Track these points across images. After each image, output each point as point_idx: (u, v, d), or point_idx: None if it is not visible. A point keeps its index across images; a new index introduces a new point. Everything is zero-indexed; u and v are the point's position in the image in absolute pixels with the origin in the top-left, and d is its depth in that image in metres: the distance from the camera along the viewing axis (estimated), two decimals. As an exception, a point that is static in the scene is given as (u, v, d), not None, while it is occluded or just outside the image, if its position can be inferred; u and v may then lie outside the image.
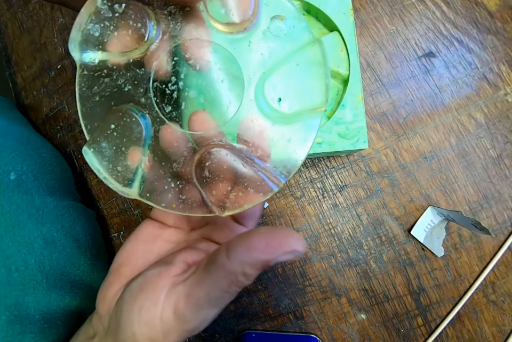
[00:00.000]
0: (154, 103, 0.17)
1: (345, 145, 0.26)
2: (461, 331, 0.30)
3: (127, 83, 0.17)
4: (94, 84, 0.17)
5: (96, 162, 0.16)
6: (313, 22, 0.29)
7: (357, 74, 0.26)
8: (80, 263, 0.28)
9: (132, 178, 0.17)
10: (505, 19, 0.31)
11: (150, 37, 0.16)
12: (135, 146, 0.16)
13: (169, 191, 0.17)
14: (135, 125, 0.16)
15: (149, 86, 0.17)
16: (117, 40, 0.16)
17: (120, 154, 0.17)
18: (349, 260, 0.31)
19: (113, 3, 0.16)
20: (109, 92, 0.17)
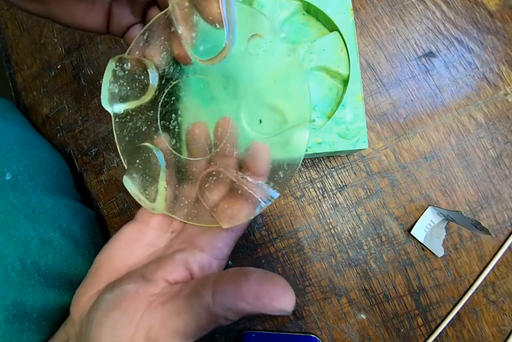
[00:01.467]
0: (164, 138, 0.20)
1: (345, 145, 0.26)
2: (461, 331, 0.30)
3: (143, 125, 0.21)
4: (123, 129, 0.21)
5: (133, 188, 0.21)
6: (313, 22, 0.29)
7: (357, 74, 0.26)
8: (78, 263, 0.28)
9: (157, 198, 0.20)
10: (505, 19, 0.31)
11: (153, 83, 0.20)
12: (156, 174, 0.20)
13: (185, 207, 0.20)
14: (152, 159, 0.20)
15: (158, 124, 0.21)
16: (131, 91, 0.20)
17: (146, 181, 0.21)
18: (349, 260, 0.31)
19: (122, 64, 0.20)
20: (133, 133, 0.21)
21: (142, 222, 0.21)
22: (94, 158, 0.36)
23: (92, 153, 0.36)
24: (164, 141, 0.20)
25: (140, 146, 0.21)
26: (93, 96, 0.36)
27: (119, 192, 0.35)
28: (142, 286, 0.17)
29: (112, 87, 0.20)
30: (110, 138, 0.35)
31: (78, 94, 0.36)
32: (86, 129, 0.36)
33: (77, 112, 0.36)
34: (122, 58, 0.20)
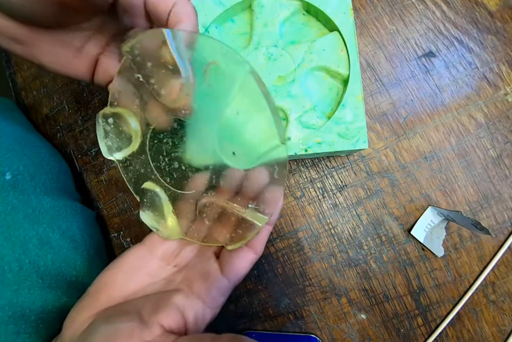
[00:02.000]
0: (159, 178, 0.22)
1: (345, 145, 0.26)
2: (461, 331, 0.30)
3: (141, 168, 0.23)
4: (128, 172, 0.23)
5: (149, 222, 0.23)
6: (313, 22, 0.29)
7: (357, 74, 0.26)
8: (77, 264, 0.28)
9: (170, 227, 0.23)
10: (505, 19, 0.31)
11: (136, 130, 0.22)
12: (161, 209, 0.22)
13: (195, 231, 0.22)
14: (155, 197, 0.22)
15: (151, 166, 0.22)
16: (121, 142, 0.22)
17: (157, 215, 0.23)
18: (349, 260, 0.31)
19: (106, 119, 0.22)
20: (136, 175, 0.23)
21: (149, 247, 0.23)
22: (94, 158, 0.36)
23: (91, 153, 0.36)
24: (161, 180, 0.22)
25: (142, 187, 0.23)
26: (93, 96, 0.36)
27: (119, 192, 0.35)
28: (137, 329, 0.17)
29: (106, 141, 0.22)
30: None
31: (78, 94, 0.36)
32: (86, 129, 0.36)
33: (77, 112, 0.36)
34: (104, 114, 0.22)
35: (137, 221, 0.34)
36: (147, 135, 0.22)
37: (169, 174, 0.22)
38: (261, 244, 0.22)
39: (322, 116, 0.27)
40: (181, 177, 0.21)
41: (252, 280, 0.33)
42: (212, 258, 0.22)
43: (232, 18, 0.30)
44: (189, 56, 0.18)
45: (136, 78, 0.20)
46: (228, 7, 0.28)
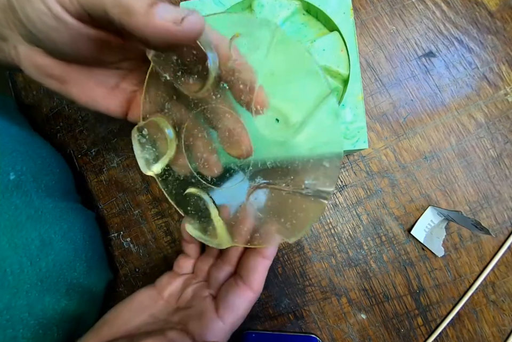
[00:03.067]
0: (200, 179, 0.22)
1: (345, 145, 0.26)
2: (461, 331, 0.30)
3: (180, 174, 0.22)
4: (167, 184, 0.23)
5: (196, 233, 0.22)
6: (313, 22, 0.29)
7: (357, 74, 0.26)
8: (76, 265, 0.28)
9: (218, 234, 0.22)
10: (505, 19, 0.31)
11: (171, 136, 0.21)
12: (207, 214, 0.22)
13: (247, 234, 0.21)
14: (199, 202, 0.22)
15: (190, 168, 0.22)
16: (158, 151, 0.22)
17: (204, 222, 0.22)
18: (349, 260, 0.31)
19: (141, 131, 0.22)
20: (176, 185, 0.23)
21: (158, 289, 0.23)
22: (94, 158, 0.36)
23: (91, 153, 0.36)
24: (202, 181, 0.22)
25: (185, 194, 0.22)
26: (93, 96, 0.36)
27: (119, 192, 0.35)
28: None
29: (143, 154, 0.22)
30: (110, 138, 0.35)
31: (78, 93, 0.36)
32: (86, 129, 0.36)
33: (77, 112, 0.36)
34: (138, 128, 0.22)
35: (137, 221, 0.34)
36: (181, 135, 0.21)
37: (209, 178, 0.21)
38: (258, 281, 0.21)
39: (322, 116, 0.27)
40: (222, 172, 0.21)
41: (251, 280, 0.33)
42: (208, 297, 0.22)
43: (232, 18, 0.30)
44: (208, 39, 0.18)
45: (164, 81, 0.20)
46: (227, 7, 0.28)
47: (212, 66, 0.17)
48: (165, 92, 0.21)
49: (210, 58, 0.17)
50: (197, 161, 0.21)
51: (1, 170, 0.24)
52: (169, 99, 0.21)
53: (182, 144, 0.21)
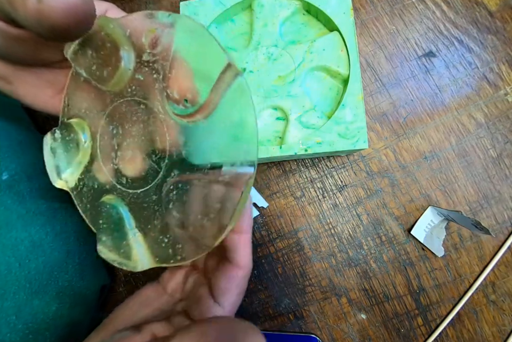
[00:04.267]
0: (116, 184, 0.19)
1: (345, 145, 0.26)
2: (461, 331, 0.30)
3: (94, 180, 0.20)
4: (82, 197, 0.21)
5: (110, 255, 0.19)
6: (313, 21, 0.29)
7: (357, 74, 0.26)
8: (69, 267, 0.27)
9: (134, 253, 0.19)
10: (505, 19, 0.31)
11: (84, 138, 0.20)
12: (121, 226, 0.19)
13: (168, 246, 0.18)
14: (112, 211, 0.19)
15: (105, 171, 0.20)
16: (71, 155, 0.21)
17: (117, 238, 0.19)
18: (349, 260, 0.31)
19: (53, 135, 0.21)
20: (90, 196, 0.20)
21: (162, 284, 0.23)
22: (94, 158, 0.36)
23: (91, 153, 0.36)
24: (117, 186, 0.19)
25: (97, 204, 0.19)
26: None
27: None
28: (129, 337, 0.17)
29: (55, 161, 0.21)
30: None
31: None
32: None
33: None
34: (52, 132, 0.21)
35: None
36: (97, 136, 0.20)
37: (122, 174, 0.19)
38: (243, 257, 0.19)
39: (322, 116, 0.27)
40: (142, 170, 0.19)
41: (252, 280, 0.33)
42: (205, 285, 0.21)
43: (232, 18, 0.30)
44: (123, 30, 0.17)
45: (83, 81, 0.19)
46: (227, 7, 0.28)
47: (125, 58, 0.17)
48: (85, 93, 0.20)
49: (123, 50, 0.17)
50: (111, 162, 0.19)
51: None
52: (89, 100, 0.20)
53: (97, 143, 0.20)
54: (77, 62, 0.19)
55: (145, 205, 0.18)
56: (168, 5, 0.35)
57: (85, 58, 0.18)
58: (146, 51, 0.17)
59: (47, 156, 0.21)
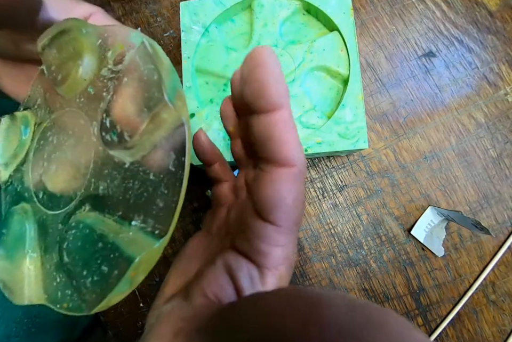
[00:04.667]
0: (33, 195, 0.17)
1: (345, 145, 0.26)
2: (461, 331, 0.30)
3: (19, 183, 0.19)
4: (5, 196, 0.19)
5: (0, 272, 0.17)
6: (313, 21, 0.29)
7: (357, 74, 0.26)
8: None
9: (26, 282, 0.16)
10: (505, 19, 0.31)
11: (25, 139, 0.19)
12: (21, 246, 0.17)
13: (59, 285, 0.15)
14: (19, 225, 0.17)
15: (30, 177, 0.18)
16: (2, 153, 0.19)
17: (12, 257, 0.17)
18: (349, 260, 0.31)
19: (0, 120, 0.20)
20: (12, 198, 0.19)
21: (206, 229, 0.20)
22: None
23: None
24: (34, 198, 0.17)
25: (11, 210, 0.18)
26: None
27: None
28: (177, 306, 0.15)
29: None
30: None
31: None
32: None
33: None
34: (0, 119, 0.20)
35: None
36: (36, 136, 0.19)
37: (43, 186, 0.17)
38: (288, 152, 0.14)
39: (322, 116, 0.27)
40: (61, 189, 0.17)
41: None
42: (250, 208, 0.15)
43: (232, 18, 0.30)
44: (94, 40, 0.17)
45: (46, 78, 0.18)
46: (227, 7, 0.28)
47: (84, 67, 0.16)
48: (43, 89, 0.20)
49: (85, 58, 0.16)
50: (38, 170, 0.18)
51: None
52: (43, 98, 0.19)
53: (32, 148, 0.19)
54: (43, 57, 0.18)
55: (50, 231, 0.16)
56: (168, 5, 0.35)
57: (49, 56, 0.18)
58: (107, 66, 0.16)
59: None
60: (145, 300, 0.34)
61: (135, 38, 0.15)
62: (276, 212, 0.14)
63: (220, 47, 0.28)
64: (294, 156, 0.14)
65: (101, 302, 0.13)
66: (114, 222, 0.14)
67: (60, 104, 0.18)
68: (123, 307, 0.34)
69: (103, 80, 0.16)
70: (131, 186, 0.14)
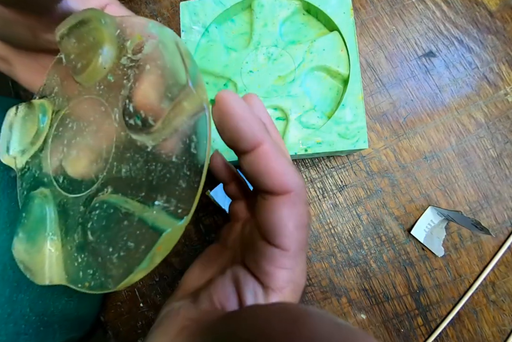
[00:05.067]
0: (52, 180, 0.18)
1: (345, 145, 0.26)
2: (461, 331, 0.30)
3: (37, 169, 0.19)
4: (22, 182, 0.20)
5: (21, 255, 0.18)
6: (313, 21, 0.29)
7: (357, 74, 0.26)
8: None
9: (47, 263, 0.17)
10: (505, 19, 0.31)
11: (42, 121, 0.19)
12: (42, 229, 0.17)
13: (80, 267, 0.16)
14: (39, 208, 0.18)
15: (48, 162, 0.19)
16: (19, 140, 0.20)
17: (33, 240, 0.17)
18: (349, 260, 0.31)
19: (16, 111, 0.20)
20: (29, 184, 0.19)
21: (221, 241, 0.21)
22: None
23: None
24: (54, 182, 0.18)
25: (30, 194, 0.18)
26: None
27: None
28: (185, 306, 0.16)
29: (8, 136, 0.20)
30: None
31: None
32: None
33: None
34: (17, 107, 0.20)
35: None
36: (55, 124, 0.19)
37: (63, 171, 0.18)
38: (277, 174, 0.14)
39: (322, 116, 0.27)
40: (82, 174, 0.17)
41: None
42: None
43: (232, 18, 0.30)
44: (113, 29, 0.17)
45: (64, 67, 0.19)
46: (227, 7, 0.28)
47: (104, 55, 0.17)
48: (60, 77, 0.20)
49: (105, 48, 0.16)
50: (58, 156, 0.18)
51: (3, 167, 0.24)
52: (61, 86, 0.20)
53: (51, 135, 0.19)
54: (61, 46, 0.19)
55: (71, 213, 0.17)
56: (169, 5, 0.35)
57: (67, 45, 0.18)
58: (126, 55, 0.16)
59: (4, 130, 0.20)
60: (145, 300, 0.34)
61: (153, 28, 0.16)
62: (279, 237, 0.14)
63: (219, 47, 0.28)
64: (288, 183, 0.14)
65: (127, 277, 0.13)
66: (137, 202, 0.14)
67: (78, 91, 0.18)
68: (123, 307, 0.34)
69: (123, 68, 0.16)
70: (153, 168, 0.14)
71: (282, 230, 0.14)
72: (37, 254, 0.17)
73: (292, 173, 0.14)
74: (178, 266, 0.33)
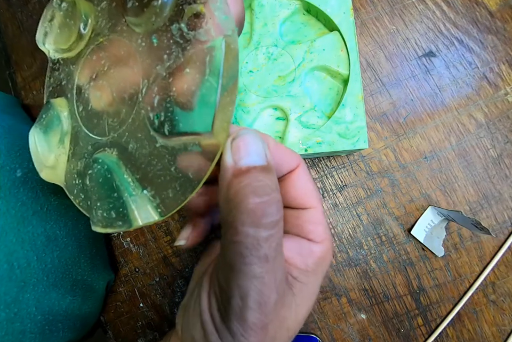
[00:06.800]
0: (74, 102, 0.18)
1: (345, 145, 0.26)
2: (461, 331, 0.30)
3: (65, 78, 0.19)
4: (51, 76, 0.19)
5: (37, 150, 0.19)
6: (313, 21, 0.29)
7: (357, 74, 0.26)
8: (81, 261, 0.28)
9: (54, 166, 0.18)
10: (506, 19, 0.31)
11: (82, 33, 0.18)
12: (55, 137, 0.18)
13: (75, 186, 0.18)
14: (55, 119, 0.18)
15: (75, 83, 0.18)
16: (59, 36, 0.19)
17: (49, 140, 0.18)
18: (349, 260, 0.31)
19: (61, 3, 0.19)
20: (55, 85, 0.19)
21: None
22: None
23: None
24: (74, 104, 0.18)
25: (48, 101, 0.18)
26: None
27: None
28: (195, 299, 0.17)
29: (47, 25, 0.19)
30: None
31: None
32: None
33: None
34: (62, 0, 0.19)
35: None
36: (90, 45, 0.18)
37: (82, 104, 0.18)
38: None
39: (322, 116, 0.27)
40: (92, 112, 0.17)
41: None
42: None
43: (232, 18, 0.30)
44: None
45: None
46: (227, 7, 0.28)
47: (163, 1, 0.14)
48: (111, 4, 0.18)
49: None
50: (85, 83, 0.18)
51: (9, 167, 0.24)
52: (108, 12, 0.18)
53: (85, 53, 0.18)
54: None
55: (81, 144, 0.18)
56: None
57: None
58: (180, 24, 0.14)
59: (44, 19, 0.19)
60: (145, 300, 0.34)
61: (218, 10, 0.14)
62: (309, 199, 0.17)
63: (219, 47, 0.28)
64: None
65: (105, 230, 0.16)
66: (134, 179, 0.15)
67: (121, 30, 0.17)
68: (123, 307, 0.34)
69: (170, 37, 0.15)
70: (154, 164, 0.15)
71: (310, 193, 0.17)
72: (48, 149, 0.18)
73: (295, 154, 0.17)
74: (178, 266, 0.34)
